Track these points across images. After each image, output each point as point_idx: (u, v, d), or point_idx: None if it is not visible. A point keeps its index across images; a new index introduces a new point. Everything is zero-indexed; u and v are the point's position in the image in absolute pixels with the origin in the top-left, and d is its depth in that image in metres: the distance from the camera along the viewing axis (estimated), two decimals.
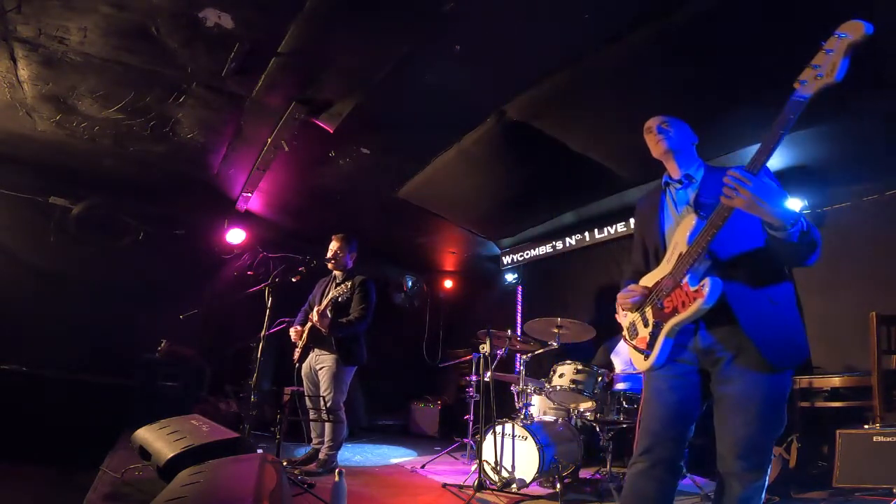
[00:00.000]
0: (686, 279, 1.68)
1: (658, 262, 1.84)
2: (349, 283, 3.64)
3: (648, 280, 1.85)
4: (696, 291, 1.65)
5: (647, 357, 1.79)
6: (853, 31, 1.45)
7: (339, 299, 3.71)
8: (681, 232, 1.74)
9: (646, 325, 1.81)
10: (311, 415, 3.69)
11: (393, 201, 5.29)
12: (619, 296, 1.93)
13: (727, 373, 1.68)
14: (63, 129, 4.27)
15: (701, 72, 3.16)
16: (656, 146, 1.94)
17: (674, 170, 1.93)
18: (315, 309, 3.69)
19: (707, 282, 1.62)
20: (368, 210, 5.68)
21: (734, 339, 1.66)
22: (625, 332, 1.95)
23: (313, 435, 3.87)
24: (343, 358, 3.70)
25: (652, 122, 1.97)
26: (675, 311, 1.70)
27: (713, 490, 3.37)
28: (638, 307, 1.85)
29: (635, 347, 1.86)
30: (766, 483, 1.66)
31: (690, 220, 1.71)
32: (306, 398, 3.71)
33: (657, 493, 1.72)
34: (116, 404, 4.28)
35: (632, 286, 1.88)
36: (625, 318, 1.95)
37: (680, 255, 1.72)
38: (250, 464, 1.97)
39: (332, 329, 3.63)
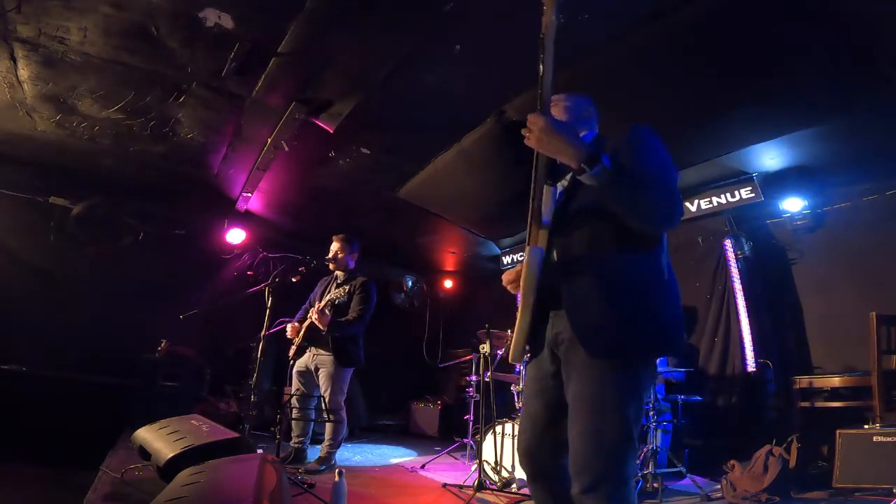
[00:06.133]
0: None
1: None
2: (347, 286, 3.64)
3: None
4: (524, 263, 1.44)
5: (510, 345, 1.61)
6: None
7: (337, 301, 3.71)
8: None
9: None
10: (295, 413, 3.72)
11: (393, 201, 5.28)
12: (503, 276, 1.82)
13: (566, 368, 1.46)
14: (63, 129, 4.26)
15: (701, 72, 3.17)
16: None
17: None
18: (315, 307, 3.69)
19: (528, 250, 1.44)
20: (368, 210, 5.67)
21: (567, 326, 1.42)
22: None
23: (294, 433, 3.87)
24: (340, 359, 3.70)
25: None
26: None
27: (713, 490, 3.38)
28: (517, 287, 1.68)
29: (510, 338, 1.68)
30: None
31: (548, 188, 1.52)
32: (292, 398, 3.71)
33: (557, 497, 1.54)
34: (116, 404, 4.28)
35: (519, 265, 1.71)
36: None
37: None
38: (250, 464, 1.97)
39: (331, 328, 3.64)
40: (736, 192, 4.26)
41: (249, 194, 5.28)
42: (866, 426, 3.09)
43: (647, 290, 1.42)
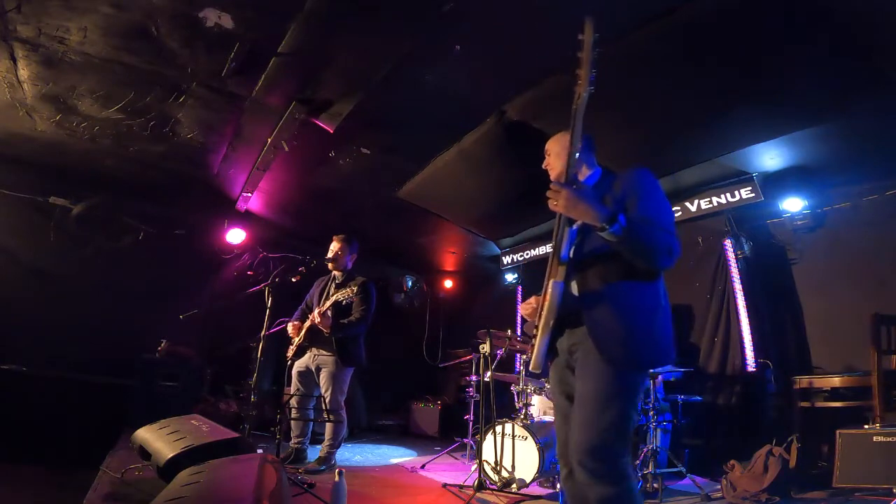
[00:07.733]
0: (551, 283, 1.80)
1: None
2: (354, 287, 3.62)
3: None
4: (547, 293, 1.77)
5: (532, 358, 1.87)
6: (585, 31, 1.65)
7: (343, 302, 3.71)
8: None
9: (535, 329, 1.89)
10: (294, 413, 3.73)
11: (393, 201, 5.29)
12: (520, 307, 2.07)
13: (580, 370, 1.76)
14: (63, 129, 4.26)
15: (700, 72, 3.17)
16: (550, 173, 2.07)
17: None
18: (316, 309, 3.69)
19: (550, 284, 1.75)
20: (368, 210, 5.67)
21: (585, 339, 1.74)
22: None
23: (293, 434, 3.87)
24: (342, 358, 3.70)
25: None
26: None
27: (713, 490, 3.38)
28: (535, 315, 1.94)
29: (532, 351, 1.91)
30: (630, 495, 1.57)
31: (565, 230, 1.81)
32: (292, 398, 3.72)
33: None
34: (116, 404, 4.28)
35: (532, 297, 2.00)
36: None
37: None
38: (250, 464, 1.97)
39: (334, 330, 3.64)
40: (736, 192, 4.26)
41: (249, 194, 5.28)
42: (866, 426, 3.09)
43: (649, 315, 1.75)
